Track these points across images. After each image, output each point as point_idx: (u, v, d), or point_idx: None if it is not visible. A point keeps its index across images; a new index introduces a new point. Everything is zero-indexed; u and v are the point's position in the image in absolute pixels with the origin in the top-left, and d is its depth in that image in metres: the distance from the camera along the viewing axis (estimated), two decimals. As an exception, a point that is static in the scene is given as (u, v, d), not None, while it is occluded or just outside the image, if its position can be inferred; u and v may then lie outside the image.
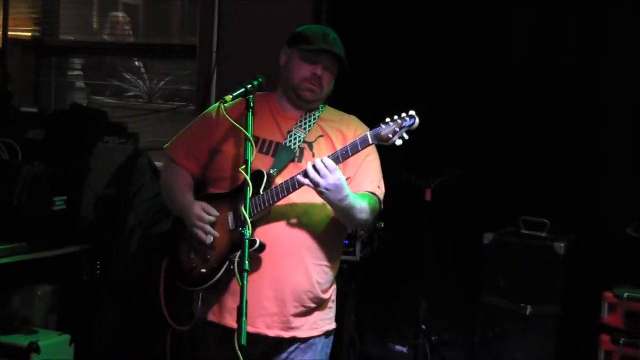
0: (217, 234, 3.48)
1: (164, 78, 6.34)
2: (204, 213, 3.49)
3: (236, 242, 3.42)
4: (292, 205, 3.46)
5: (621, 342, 4.32)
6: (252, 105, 3.33)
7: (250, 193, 3.19)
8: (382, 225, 4.92)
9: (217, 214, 3.50)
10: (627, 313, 4.32)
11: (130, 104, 6.35)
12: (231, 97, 3.34)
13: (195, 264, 3.55)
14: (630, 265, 4.50)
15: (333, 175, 3.24)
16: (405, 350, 5.07)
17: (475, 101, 5.06)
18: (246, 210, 3.17)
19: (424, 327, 4.88)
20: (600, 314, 4.42)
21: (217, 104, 3.56)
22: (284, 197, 3.38)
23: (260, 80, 3.46)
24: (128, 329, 4.91)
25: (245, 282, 3.10)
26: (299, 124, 3.59)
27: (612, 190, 4.82)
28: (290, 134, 3.56)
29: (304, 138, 3.56)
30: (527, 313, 4.64)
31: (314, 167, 3.25)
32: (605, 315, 4.39)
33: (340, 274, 4.44)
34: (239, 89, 3.37)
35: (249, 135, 3.25)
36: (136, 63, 6.42)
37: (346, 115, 3.73)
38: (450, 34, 5.15)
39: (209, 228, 3.48)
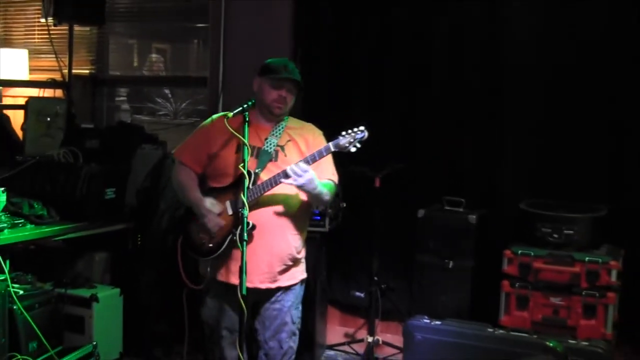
0: (223, 222, 3.58)
1: (185, 101, 6.35)
2: (212, 207, 3.59)
3: (234, 222, 3.51)
4: (274, 195, 3.56)
5: (516, 285, 4.39)
6: (247, 119, 3.44)
7: (247, 183, 3.33)
8: (344, 205, 4.98)
9: (222, 206, 3.60)
10: (520, 264, 4.39)
11: (160, 120, 6.36)
12: (232, 113, 3.43)
13: (204, 241, 3.65)
14: (522, 230, 4.56)
15: (306, 174, 3.38)
16: (362, 295, 5.11)
17: (408, 113, 5.08)
18: (244, 196, 3.26)
19: (375, 278, 4.92)
20: (502, 265, 4.44)
21: (210, 119, 3.72)
22: (269, 189, 3.48)
23: (253, 101, 3.53)
24: (161, 283, 4.91)
25: (245, 247, 3.20)
26: (272, 132, 3.66)
27: (510, 177, 4.86)
28: (267, 140, 3.63)
29: (276, 142, 3.64)
30: (450, 266, 4.67)
31: (292, 169, 3.37)
32: (505, 267, 4.44)
33: (314, 241, 4.60)
34: (238, 108, 3.48)
35: (246, 142, 3.35)
36: (165, 90, 6.43)
37: (305, 123, 3.81)
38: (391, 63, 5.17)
39: (217, 219, 3.57)
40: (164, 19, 6.44)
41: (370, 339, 4.91)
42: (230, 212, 3.56)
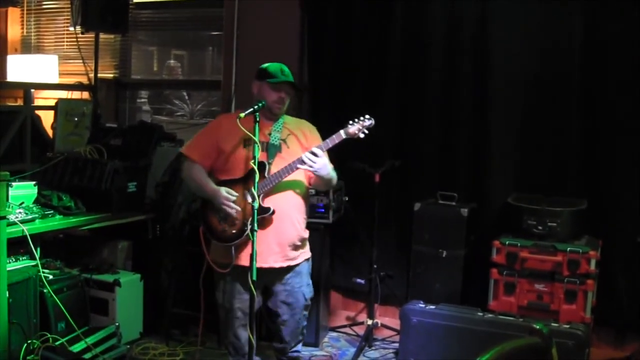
0: (239, 208, 3.58)
1: (200, 102, 6.35)
2: (228, 195, 3.60)
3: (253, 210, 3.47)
4: (285, 183, 3.61)
5: (504, 273, 4.36)
6: (257, 119, 3.43)
7: (257, 178, 3.33)
8: (347, 199, 4.96)
9: (237, 194, 3.60)
10: (507, 254, 4.36)
11: (178, 120, 6.36)
12: (243, 114, 3.41)
13: (226, 228, 3.64)
14: (509, 222, 4.54)
15: (321, 160, 3.49)
16: (363, 281, 5.07)
17: (406, 114, 5.05)
18: (255, 190, 3.27)
19: (375, 266, 4.88)
20: (491, 255, 4.42)
21: (217, 119, 3.76)
22: (286, 177, 3.55)
23: (263, 103, 3.52)
24: (178, 269, 4.90)
25: (255, 237, 3.21)
26: (273, 128, 3.73)
27: (498, 174, 4.83)
28: (271, 135, 3.69)
29: (279, 137, 3.71)
30: (443, 255, 4.63)
31: (307, 156, 3.48)
32: (494, 256, 4.40)
33: (318, 232, 4.57)
34: (249, 109, 3.46)
35: (256, 139, 3.34)
36: (182, 93, 6.42)
37: (299, 120, 3.91)
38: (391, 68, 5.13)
39: (233, 204, 3.58)
40: (182, 28, 6.48)
41: (369, 322, 4.89)
42: (250, 200, 3.54)
